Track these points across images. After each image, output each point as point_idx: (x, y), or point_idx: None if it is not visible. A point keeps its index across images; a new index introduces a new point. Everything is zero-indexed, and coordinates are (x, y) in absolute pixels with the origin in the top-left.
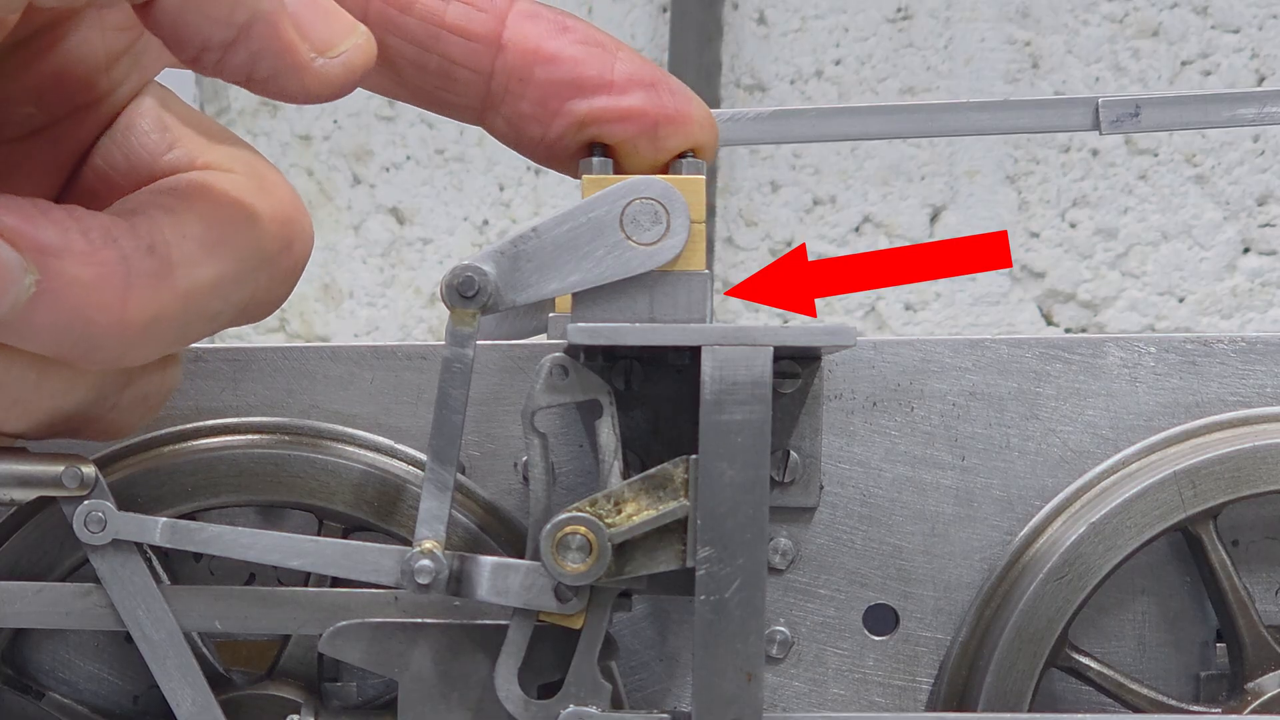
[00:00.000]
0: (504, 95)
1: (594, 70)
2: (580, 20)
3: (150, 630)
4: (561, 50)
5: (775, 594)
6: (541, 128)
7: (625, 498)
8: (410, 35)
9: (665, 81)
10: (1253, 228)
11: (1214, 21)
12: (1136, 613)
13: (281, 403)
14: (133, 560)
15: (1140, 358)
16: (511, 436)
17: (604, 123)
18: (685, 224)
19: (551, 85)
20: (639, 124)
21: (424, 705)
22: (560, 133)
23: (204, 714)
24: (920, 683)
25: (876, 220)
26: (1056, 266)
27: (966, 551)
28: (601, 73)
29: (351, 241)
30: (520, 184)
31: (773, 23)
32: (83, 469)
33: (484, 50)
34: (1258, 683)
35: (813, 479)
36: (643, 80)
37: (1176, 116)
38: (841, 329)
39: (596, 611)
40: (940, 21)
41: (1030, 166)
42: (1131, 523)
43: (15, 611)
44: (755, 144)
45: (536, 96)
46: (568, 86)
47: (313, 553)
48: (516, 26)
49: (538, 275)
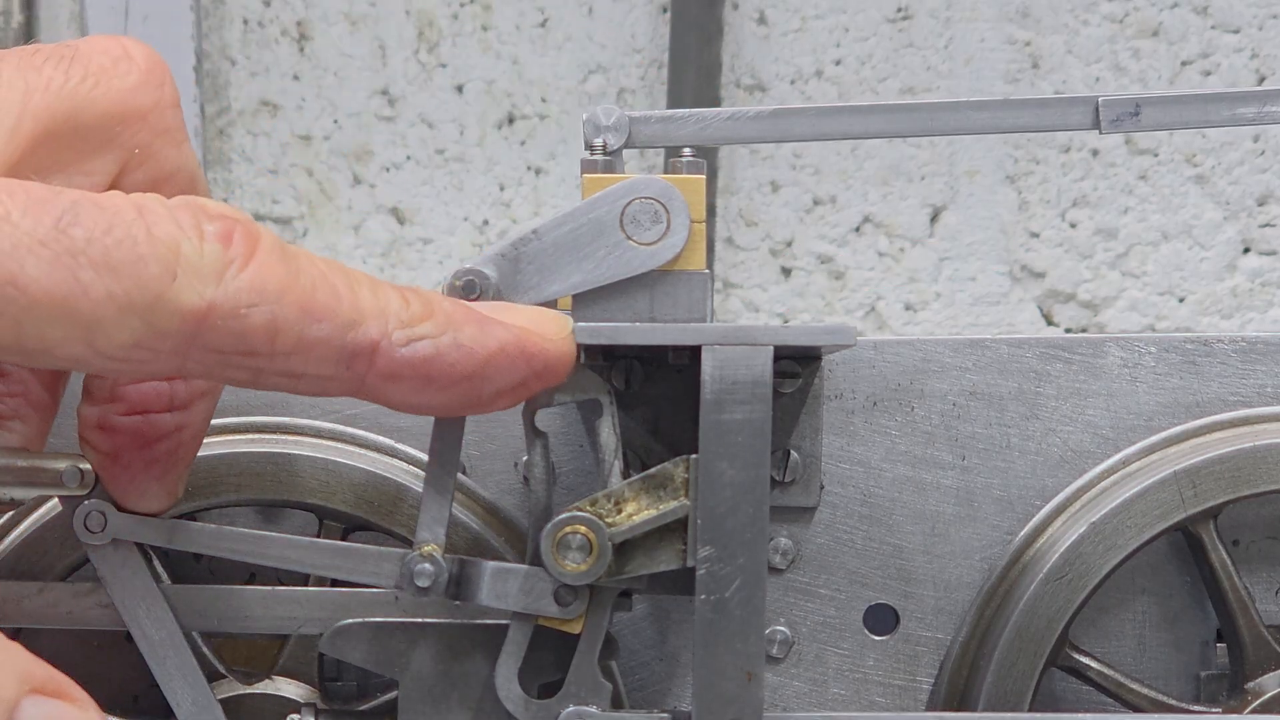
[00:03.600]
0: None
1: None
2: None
3: (150, 630)
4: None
5: (775, 594)
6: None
7: (625, 497)
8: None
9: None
10: (1253, 228)
11: (1214, 21)
12: (1137, 612)
13: (281, 403)
14: (133, 560)
15: (1140, 358)
16: (511, 436)
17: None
18: (685, 223)
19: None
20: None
21: (424, 705)
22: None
23: (204, 714)
24: (920, 682)
25: (876, 220)
26: (1056, 266)
27: (967, 551)
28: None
29: (351, 241)
30: (520, 184)
31: (773, 23)
32: (83, 468)
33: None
34: (1258, 682)
35: (813, 479)
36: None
37: (1176, 116)
38: (842, 329)
39: (597, 611)
40: (940, 21)
41: (1030, 166)
42: (1132, 522)
43: (15, 611)
44: (755, 143)
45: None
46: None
47: (313, 553)
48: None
49: (539, 277)
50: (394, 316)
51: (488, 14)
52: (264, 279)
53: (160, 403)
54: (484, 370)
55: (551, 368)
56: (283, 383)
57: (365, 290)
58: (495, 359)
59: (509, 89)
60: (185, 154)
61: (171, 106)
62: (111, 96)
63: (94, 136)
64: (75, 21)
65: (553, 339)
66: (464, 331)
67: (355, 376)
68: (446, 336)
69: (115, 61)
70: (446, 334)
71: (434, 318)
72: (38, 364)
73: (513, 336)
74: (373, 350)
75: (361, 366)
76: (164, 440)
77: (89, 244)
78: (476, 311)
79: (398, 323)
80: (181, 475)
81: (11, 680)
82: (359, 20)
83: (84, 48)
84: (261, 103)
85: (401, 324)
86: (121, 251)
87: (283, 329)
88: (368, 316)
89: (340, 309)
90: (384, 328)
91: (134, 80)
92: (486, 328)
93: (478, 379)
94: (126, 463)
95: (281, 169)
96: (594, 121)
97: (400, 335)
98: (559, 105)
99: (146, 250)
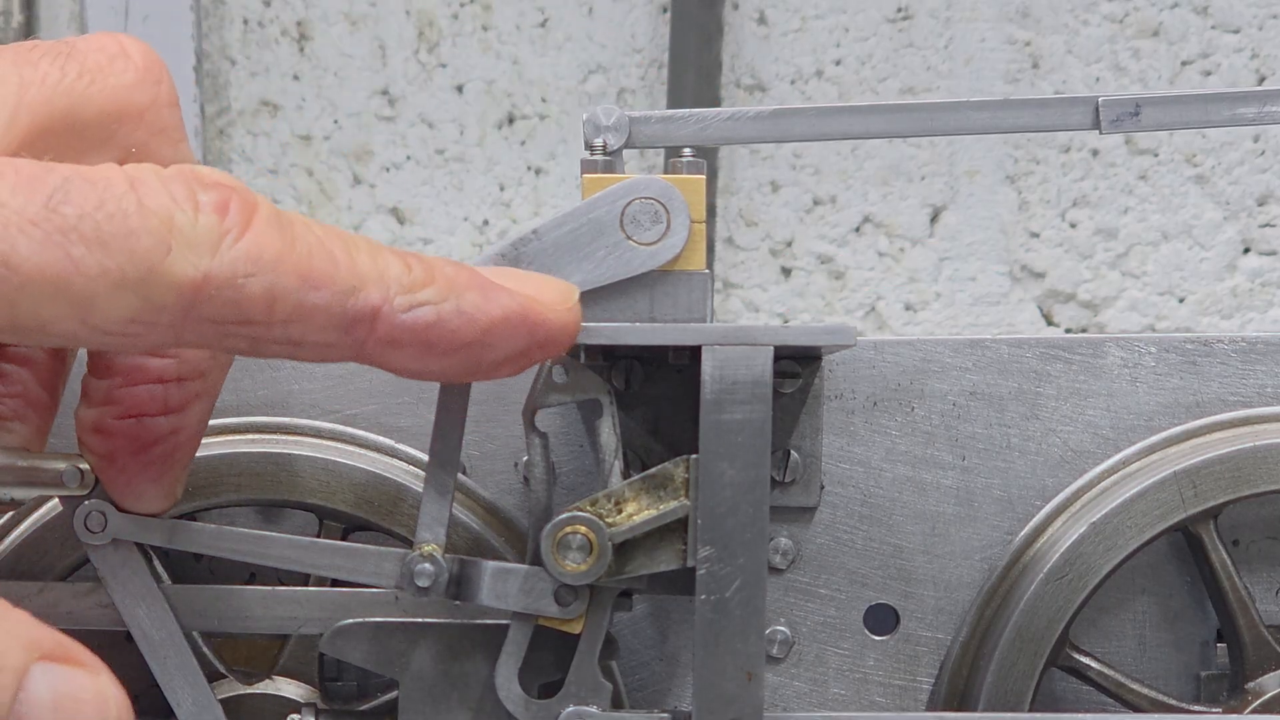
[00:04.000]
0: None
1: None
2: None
3: (150, 630)
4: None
5: (776, 594)
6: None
7: (626, 497)
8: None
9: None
10: (1253, 228)
11: (1214, 21)
12: (1137, 612)
13: (281, 403)
14: (133, 560)
15: (1140, 358)
16: (511, 436)
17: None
18: (685, 223)
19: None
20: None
21: (424, 705)
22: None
23: (204, 714)
24: (920, 682)
25: (876, 220)
26: (1056, 266)
27: (967, 551)
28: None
29: None
30: (520, 184)
31: (773, 23)
32: (83, 468)
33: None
34: (1258, 682)
35: (813, 479)
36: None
37: (1176, 116)
38: (842, 329)
39: (597, 611)
40: (940, 21)
41: (1030, 166)
42: (1132, 523)
43: None
44: (755, 143)
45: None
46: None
47: (313, 553)
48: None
49: None
50: (395, 282)
51: (488, 14)
52: (260, 248)
53: (155, 406)
54: (486, 338)
55: (555, 338)
56: (283, 350)
57: (364, 256)
58: (498, 327)
59: (509, 89)
60: (182, 152)
61: (168, 105)
62: (108, 94)
63: (90, 133)
64: (75, 21)
65: (557, 308)
66: (466, 298)
67: (355, 343)
68: (449, 303)
69: (112, 59)
70: (449, 300)
71: (436, 283)
72: (34, 342)
73: (517, 304)
74: (373, 316)
75: (361, 332)
76: (160, 443)
77: (80, 220)
78: (481, 276)
79: (399, 288)
80: (180, 477)
81: (18, 648)
82: (359, 20)
83: (81, 45)
84: (261, 103)
85: (403, 289)
86: (113, 226)
87: (280, 297)
88: (367, 282)
89: (338, 275)
90: (385, 293)
91: (131, 78)
92: (490, 294)
93: (479, 346)
94: (124, 465)
95: (281, 169)
96: (594, 121)
97: (401, 301)
98: (559, 105)
99: (139, 224)
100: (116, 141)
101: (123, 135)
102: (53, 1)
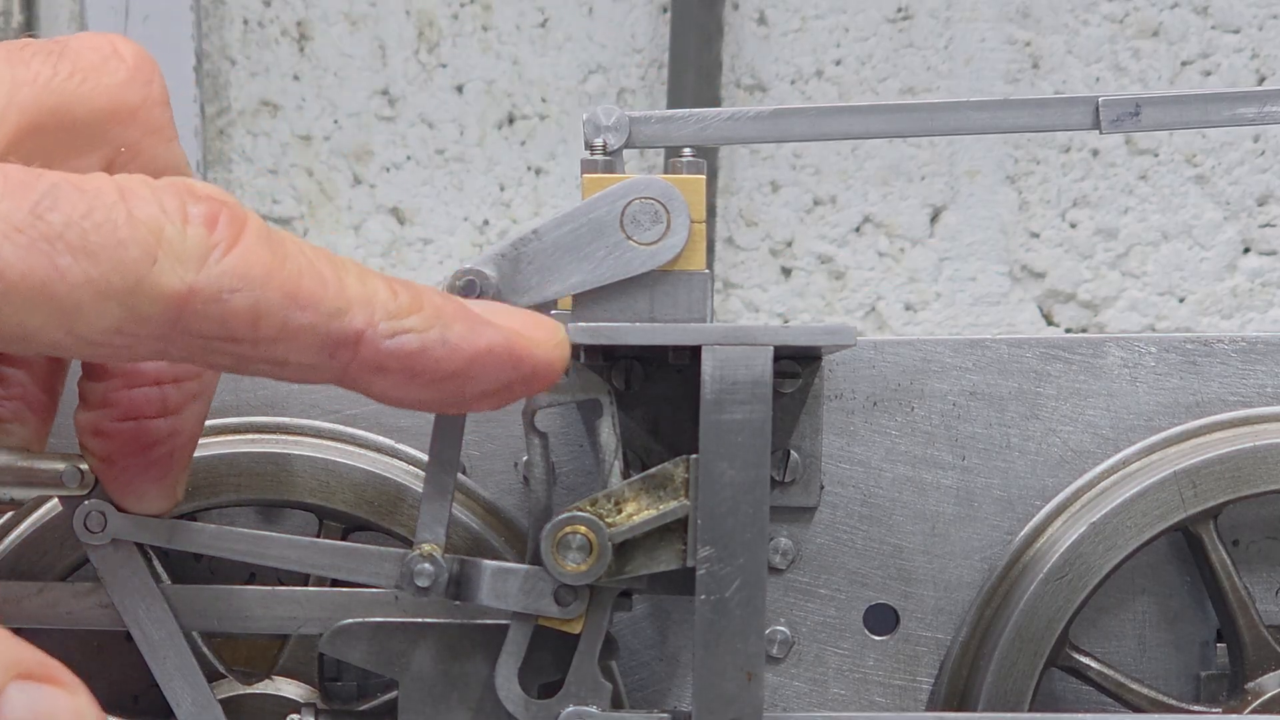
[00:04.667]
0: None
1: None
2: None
3: (150, 630)
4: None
5: (775, 594)
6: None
7: (625, 497)
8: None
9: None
10: (1253, 228)
11: (1214, 21)
12: (1136, 613)
13: (281, 403)
14: (133, 560)
15: (1140, 358)
16: (511, 436)
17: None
18: (685, 223)
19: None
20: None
21: (424, 705)
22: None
23: (204, 714)
24: (920, 682)
25: (876, 220)
26: (1056, 266)
27: (967, 551)
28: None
29: (352, 241)
30: (520, 184)
31: (773, 23)
32: (82, 468)
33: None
34: (1258, 682)
35: (813, 479)
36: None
37: (1176, 116)
38: (842, 329)
39: (597, 611)
40: (940, 21)
41: (1030, 166)
42: (1132, 523)
43: (15, 612)
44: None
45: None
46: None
47: (313, 553)
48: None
49: (539, 277)
50: (381, 307)
51: (488, 14)
52: (248, 264)
53: (152, 408)
54: (469, 369)
55: (539, 374)
56: (267, 370)
57: (352, 279)
58: (481, 359)
59: (509, 89)
60: (174, 151)
61: (160, 104)
62: (100, 93)
63: (82, 133)
64: (75, 21)
65: (542, 344)
66: (453, 328)
67: (339, 366)
68: (433, 332)
69: (104, 58)
70: (434, 329)
71: (422, 311)
72: (19, 351)
73: (502, 338)
74: (357, 340)
75: (345, 356)
76: (158, 445)
77: (66, 228)
78: (468, 309)
79: (384, 314)
80: (179, 478)
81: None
82: (359, 20)
83: (73, 44)
84: (261, 103)
85: (388, 315)
86: (100, 235)
87: (266, 315)
88: (354, 305)
89: (326, 297)
90: (369, 318)
91: (122, 77)
92: (475, 327)
93: (462, 378)
94: (125, 467)
95: (281, 169)
96: (594, 121)
97: (386, 327)
98: (559, 105)
99: (126, 234)
100: (108, 140)
101: (115, 134)
102: (53, 1)
